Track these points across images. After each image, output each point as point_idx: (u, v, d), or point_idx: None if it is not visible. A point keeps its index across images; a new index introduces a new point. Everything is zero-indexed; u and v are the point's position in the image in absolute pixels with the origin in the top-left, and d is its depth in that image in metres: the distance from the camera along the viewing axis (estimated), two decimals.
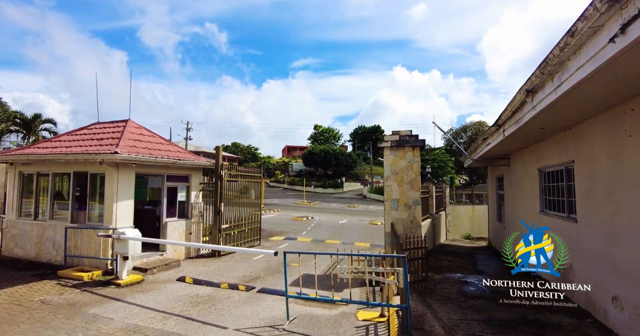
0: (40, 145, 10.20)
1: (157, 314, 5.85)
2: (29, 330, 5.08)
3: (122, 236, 7.47)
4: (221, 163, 10.95)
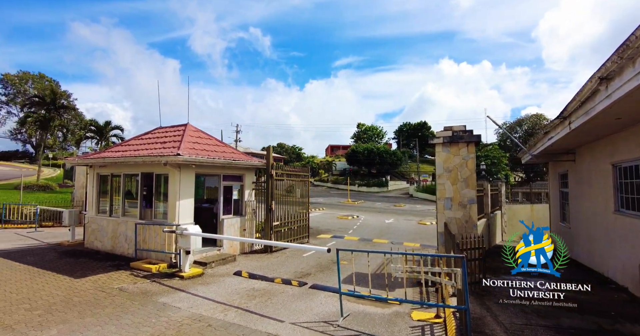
0: (113, 149, 11.31)
1: (218, 305, 6.23)
2: (112, 313, 5.69)
3: (185, 232, 8.05)
4: (272, 163, 11.35)
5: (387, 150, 65.96)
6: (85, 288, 6.98)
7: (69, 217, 11.74)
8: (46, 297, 6.41)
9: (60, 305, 6.04)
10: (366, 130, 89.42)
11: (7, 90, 61.52)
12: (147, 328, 5.11)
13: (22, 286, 7.05)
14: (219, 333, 5.00)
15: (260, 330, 5.16)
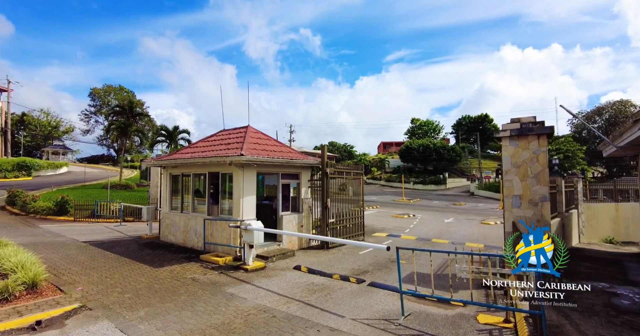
0: (183, 151, 12.36)
1: (281, 298, 6.52)
2: (187, 300, 6.26)
3: (249, 227, 8.54)
4: (326, 161, 11.52)
5: (445, 145, 62.97)
6: (164, 277, 7.76)
7: (146, 213, 13.10)
8: (133, 283, 7.25)
9: (144, 290, 6.79)
10: (421, 125, 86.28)
11: (95, 102, 70.40)
12: (218, 316, 5.54)
13: (114, 273, 8.05)
14: (283, 325, 5.24)
15: (321, 324, 5.31)
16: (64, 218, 17.59)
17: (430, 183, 56.26)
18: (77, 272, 8.05)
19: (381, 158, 75.70)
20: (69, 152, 66.36)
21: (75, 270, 8.27)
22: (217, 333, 4.89)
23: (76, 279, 7.45)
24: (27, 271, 6.28)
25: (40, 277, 6.37)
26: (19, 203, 19.08)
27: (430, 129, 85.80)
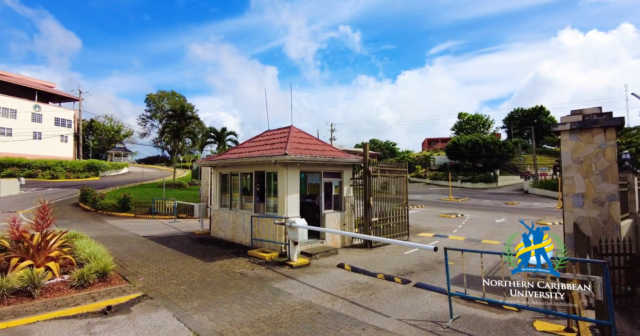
0: (231, 152, 12.95)
1: (326, 295, 6.60)
2: (236, 293, 6.57)
3: (293, 224, 8.74)
4: (369, 160, 11.42)
5: (495, 140, 59.36)
6: (215, 271, 8.20)
7: (198, 210, 13.91)
8: (187, 276, 7.76)
9: (197, 283, 7.24)
10: (469, 119, 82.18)
11: (150, 107, 76.01)
12: (265, 310, 5.75)
13: (171, 266, 8.67)
14: (328, 322, 5.30)
15: (366, 322, 5.30)
16: (125, 214, 19.25)
17: (480, 181, 53.38)
18: (138, 264, 8.78)
19: (426, 156, 73.26)
20: (129, 153, 72.30)
21: (137, 261, 9.03)
22: (265, 326, 5.08)
23: (138, 270, 8.13)
24: (99, 262, 6.98)
25: (109, 267, 7.05)
26: (90, 200, 21.21)
27: (479, 124, 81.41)
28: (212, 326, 5.05)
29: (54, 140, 51.69)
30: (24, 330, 4.85)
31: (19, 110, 48.02)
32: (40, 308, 5.55)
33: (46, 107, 52.33)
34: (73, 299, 5.97)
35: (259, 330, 4.93)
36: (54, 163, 40.96)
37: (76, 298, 6.01)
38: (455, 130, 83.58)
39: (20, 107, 48.36)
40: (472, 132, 75.52)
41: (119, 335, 4.74)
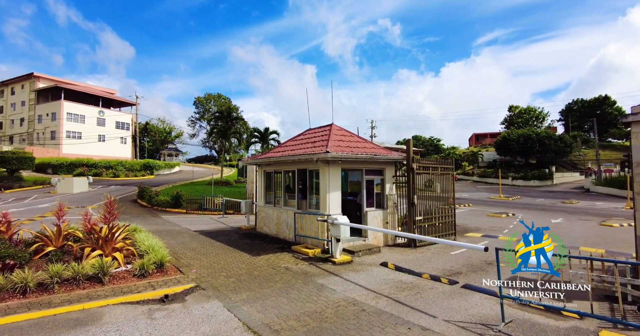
0: (275, 150, 13.32)
1: (369, 292, 6.59)
2: (282, 287, 6.77)
3: (335, 221, 8.81)
4: (412, 156, 11.15)
5: (551, 134, 55.03)
6: (261, 265, 8.51)
7: (245, 206, 14.49)
8: (236, 269, 8.14)
9: (245, 276, 7.57)
10: (521, 113, 77.06)
11: (198, 109, 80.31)
12: (310, 304, 5.87)
13: (220, 259, 9.14)
14: (373, 319, 5.30)
15: (412, 322, 5.22)
16: (178, 210, 20.56)
17: (533, 179, 49.91)
18: (190, 257, 9.37)
19: (473, 152, 69.80)
20: (180, 153, 77.05)
21: (189, 254, 9.63)
22: (310, 320, 5.20)
23: (190, 262, 8.67)
24: (157, 254, 7.55)
25: (166, 259, 7.60)
26: (146, 197, 22.93)
27: (532, 117, 76.03)
28: (260, 317, 5.27)
29: (115, 142, 56.53)
30: (97, 312, 5.40)
31: (86, 116, 53.11)
32: (109, 294, 6.14)
33: (108, 112, 57.34)
34: (136, 287, 6.53)
35: (304, 324, 5.06)
36: (116, 163, 44.82)
37: (138, 286, 6.57)
38: (505, 124, 78.84)
39: (87, 112, 53.48)
40: (524, 126, 70.63)
41: (176, 321, 5.10)
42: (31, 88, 53.74)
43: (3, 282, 5.80)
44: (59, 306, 5.52)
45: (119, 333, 4.68)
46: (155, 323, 5.03)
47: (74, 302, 5.71)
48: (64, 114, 50.21)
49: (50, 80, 54.58)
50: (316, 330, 4.86)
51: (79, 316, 5.25)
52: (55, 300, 5.74)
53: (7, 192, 28.21)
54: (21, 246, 8.65)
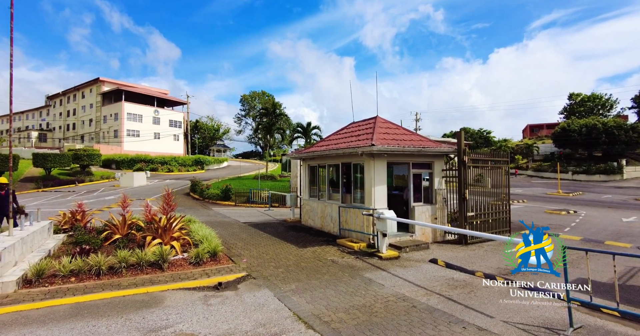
0: (319, 144, 13.38)
1: (419, 289, 6.40)
2: (329, 280, 6.81)
3: (382, 216, 8.65)
4: (463, 148, 10.60)
5: (620, 124, 49.54)
6: (307, 257, 8.63)
7: (290, 199, 14.78)
8: (284, 260, 8.32)
9: (293, 267, 7.71)
10: (583, 101, 70.04)
11: (244, 106, 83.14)
12: (358, 298, 5.83)
13: (269, 249, 9.42)
14: (425, 316, 5.13)
15: (467, 321, 4.98)
16: (227, 203, 21.52)
17: (598, 173, 45.46)
18: (241, 247, 9.75)
19: (527, 144, 65.02)
20: (227, 149, 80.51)
21: (239, 245, 10.03)
22: (359, 313, 5.16)
23: (241, 252, 9.03)
24: (210, 243, 7.95)
25: (219, 248, 7.98)
26: (198, 190, 24.29)
27: (597, 105, 68.76)
28: (310, 308, 5.33)
29: (169, 139, 60.44)
30: (159, 296, 5.81)
31: (143, 115, 57.30)
32: (169, 279, 6.58)
33: (162, 111, 61.36)
34: (192, 274, 6.93)
35: (354, 317, 5.04)
36: (170, 159, 47.96)
37: (194, 273, 6.96)
38: (564, 114, 72.22)
39: (144, 112, 57.67)
40: (589, 115, 64.17)
41: (230, 308, 5.34)
42: (97, 91, 59.11)
43: (81, 264, 6.46)
44: (126, 289, 6.03)
45: (179, 316, 4.99)
46: (211, 308, 5.30)
47: (139, 285, 6.20)
48: (124, 114, 54.64)
49: (112, 84, 59.60)
50: (366, 324, 4.82)
51: (144, 298, 5.69)
52: (124, 283, 6.28)
53: (80, 185, 31.41)
54: (94, 233, 9.58)
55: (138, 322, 4.77)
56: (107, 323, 4.75)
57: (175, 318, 4.91)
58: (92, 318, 4.88)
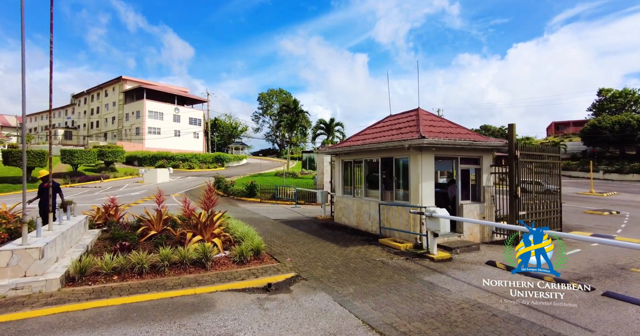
0: (353, 139, 12.78)
1: (490, 294, 5.75)
2: (388, 283, 6.21)
3: (434, 214, 8.00)
4: (516, 142, 9.82)
5: None
6: (353, 257, 8.06)
7: (321, 196, 14.24)
8: (329, 259, 7.78)
9: (342, 267, 7.16)
10: (614, 97, 66.96)
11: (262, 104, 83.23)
12: (428, 305, 5.23)
13: (310, 248, 8.90)
14: (512, 327, 4.50)
15: (563, 334, 4.32)
16: (252, 199, 21.19)
17: (632, 172, 43.30)
18: (279, 245, 9.27)
19: (554, 142, 62.53)
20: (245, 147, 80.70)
21: (277, 242, 9.56)
22: (438, 323, 4.56)
23: (282, 251, 8.53)
24: (252, 241, 7.49)
25: (262, 247, 7.51)
26: (222, 187, 24.08)
27: (630, 101, 65.57)
28: (379, 316, 4.77)
29: (189, 137, 60.97)
30: (209, 298, 5.36)
31: (164, 113, 57.94)
32: (214, 279, 6.14)
33: (182, 109, 61.94)
34: (238, 273, 6.48)
35: (432, 327, 4.45)
36: (190, 156, 48.27)
37: (240, 273, 6.51)
38: (593, 110, 69.22)
39: (165, 110, 58.31)
40: (619, 112, 61.27)
41: (290, 314, 4.82)
42: (120, 90, 60.15)
43: (124, 262, 6.09)
44: (173, 289, 5.60)
45: (237, 323, 4.51)
46: (270, 314, 4.80)
47: (185, 286, 5.78)
48: (146, 112, 55.36)
49: (134, 82, 60.51)
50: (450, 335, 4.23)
51: (193, 300, 5.25)
52: (169, 283, 5.86)
53: (105, 181, 31.80)
54: (128, 229, 9.29)
55: (194, 329, 4.30)
56: (161, 328, 4.31)
57: (233, 325, 4.43)
58: (143, 323, 4.45)
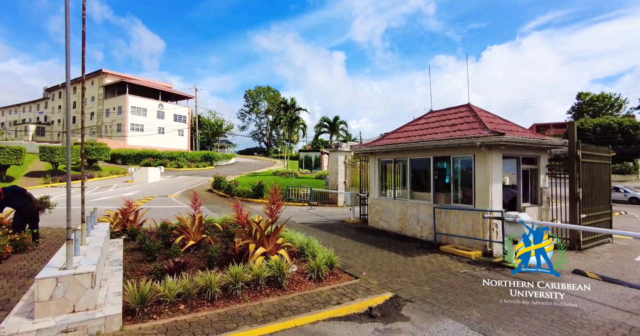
0: (391, 137, 11.86)
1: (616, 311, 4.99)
2: (508, 303, 5.31)
3: (517, 219, 7.22)
4: (577, 141, 9.22)
5: (637, 123, 49.00)
6: (431, 269, 7.08)
7: (351, 198, 13.26)
8: (406, 272, 6.79)
9: (435, 283, 6.13)
10: (593, 100, 69.76)
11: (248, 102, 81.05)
12: (583, 331, 4.37)
13: (374, 258, 7.85)
14: None
15: None
16: (260, 200, 19.88)
17: (614, 173, 44.68)
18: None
19: None
20: (230, 145, 78.36)
21: None
22: None
23: (345, 262, 7.36)
24: (323, 252, 6.43)
25: (334, 259, 6.45)
26: (224, 187, 22.60)
27: (607, 105, 68.47)
28: None
29: (173, 134, 58.31)
30: (316, 332, 4.27)
31: (148, 109, 55.07)
32: (304, 304, 5.03)
33: (167, 105, 59.15)
34: (325, 295, 5.40)
35: None
36: (178, 154, 45.97)
37: (328, 294, 5.42)
38: (573, 113, 71.88)
39: (148, 106, 55.42)
40: (597, 115, 63.84)
41: None
42: (100, 84, 56.62)
43: (190, 286, 4.87)
44: (266, 323, 4.41)
45: None
46: None
47: (277, 316, 4.59)
48: (128, 108, 52.36)
49: (115, 76, 57.13)
50: None
51: None
52: (255, 312, 4.69)
53: (90, 180, 29.42)
54: (154, 237, 8.01)
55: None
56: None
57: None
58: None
